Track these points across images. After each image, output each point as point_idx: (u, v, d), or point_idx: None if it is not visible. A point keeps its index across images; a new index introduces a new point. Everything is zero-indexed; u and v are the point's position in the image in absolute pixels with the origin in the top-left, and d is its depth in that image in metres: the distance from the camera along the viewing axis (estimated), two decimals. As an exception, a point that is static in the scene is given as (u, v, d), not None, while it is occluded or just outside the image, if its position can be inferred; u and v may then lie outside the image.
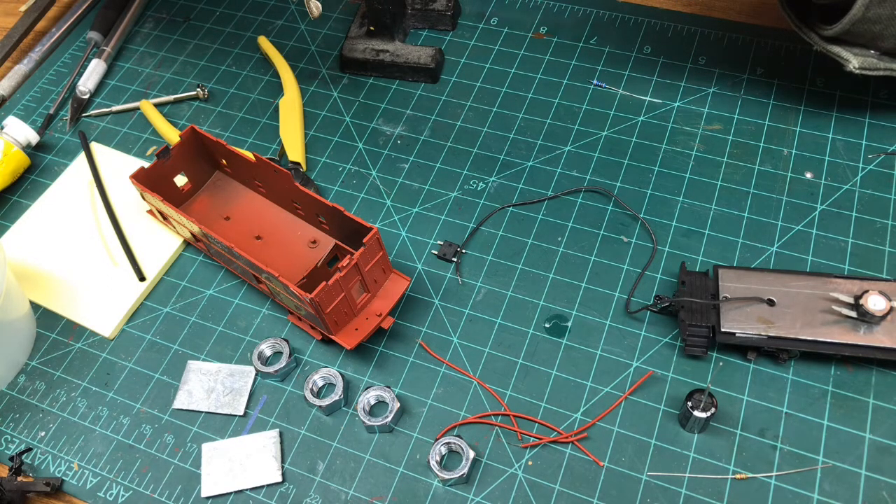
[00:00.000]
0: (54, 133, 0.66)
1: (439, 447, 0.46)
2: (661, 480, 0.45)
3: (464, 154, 0.60)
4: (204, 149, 0.56)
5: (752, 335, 0.46)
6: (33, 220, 0.60)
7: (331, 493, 0.46)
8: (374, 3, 0.63)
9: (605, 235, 0.54)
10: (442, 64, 0.65)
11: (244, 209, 0.57)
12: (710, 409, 0.44)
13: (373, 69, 0.65)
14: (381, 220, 0.57)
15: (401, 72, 0.65)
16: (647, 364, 0.49)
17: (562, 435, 0.47)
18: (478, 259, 0.54)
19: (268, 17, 0.72)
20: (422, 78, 0.64)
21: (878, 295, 0.45)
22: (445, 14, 0.67)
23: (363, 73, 0.66)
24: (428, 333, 0.52)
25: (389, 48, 0.65)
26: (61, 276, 0.56)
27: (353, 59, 0.65)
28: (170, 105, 0.66)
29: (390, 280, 0.50)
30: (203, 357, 0.52)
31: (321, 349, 0.52)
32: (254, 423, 0.49)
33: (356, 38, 0.66)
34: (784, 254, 0.52)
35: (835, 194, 0.54)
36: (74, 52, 0.72)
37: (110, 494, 0.47)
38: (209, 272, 0.56)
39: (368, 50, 0.65)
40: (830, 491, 0.43)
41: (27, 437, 0.50)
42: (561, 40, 0.66)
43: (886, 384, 0.47)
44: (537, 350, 0.50)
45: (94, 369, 0.52)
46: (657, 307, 0.50)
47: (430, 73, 0.64)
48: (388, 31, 0.65)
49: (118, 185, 0.61)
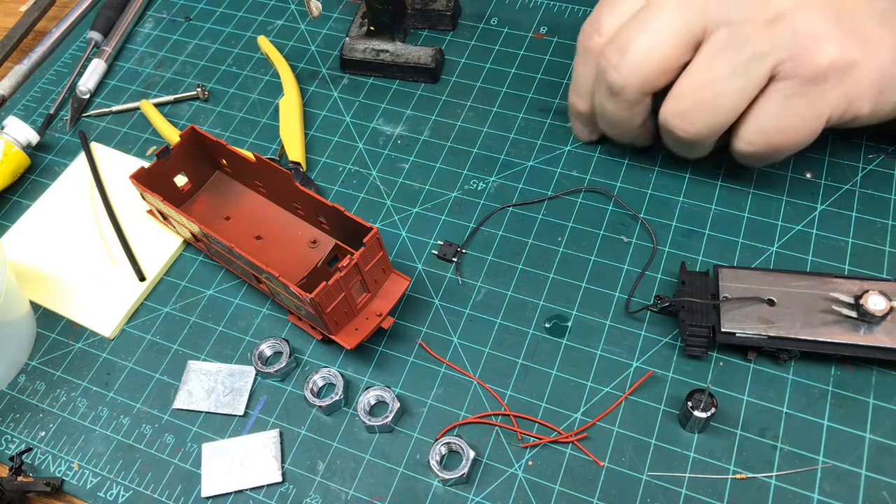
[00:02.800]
0: (54, 133, 0.66)
1: (439, 447, 0.46)
2: (661, 480, 0.45)
3: (464, 154, 0.60)
4: (204, 149, 0.56)
5: (752, 335, 0.46)
6: (33, 220, 0.60)
7: (331, 493, 0.46)
8: (374, 4, 0.63)
9: (605, 235, 0.55)
10: (442, 64, 0.65)
11: (244, 209, 0.57)
12: (710, 409, 0.44)
13: (373, 69, 0.65)
14: (381, 220, 0.57)
15: (401, 72, 0.65)
16: (647, 364, 0.49)
17: (562, 435, 0.47)
18: (478, 259, 0.54)
19: (268, 17, 0.72)
20: (422, 78, 0.64)
21: (878, 295, 0.45)
22: (445, 14, 0.67)
23: (363, 73, 0.66)
24: (428, 333, 0.52)
25: (389, 48, 0.65)
26: (61, 276, 0.56)
27: (353, 60, 0.65)
28: (170, 105, 0.66)
29: (390, 280, 0.50)
30: (203, 357, 0.52)
31: (321, 349, 0.52)
32: (254, 423, 0.49)
33: (356, 38, 0.66)
34: (784, 254, 0.52)
35: (835, 194, 0.54)
36: (74, 52, 0.72)
37: (110, 494, 0.47)
38: (209, 272, 0.56)
39: (368, 50, 0.65)
40: (830, 491, 0.43)
41: (27, 437, 0.50)
42: (561, 40, 0.66)
43: (886, 384, 0.47)
44: (537, 350, 0.50)
45: (94, 369, 0.53)
46: (657, 307, 0.50)
47: (431, 72, 0.64)
48: (388, 31, 0.65)
49: (118, 185, 0.61)
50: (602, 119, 0.53)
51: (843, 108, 0.45)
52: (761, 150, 0.48)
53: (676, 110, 0.47)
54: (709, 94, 0.46)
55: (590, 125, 0.56)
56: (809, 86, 0.44)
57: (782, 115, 0.46)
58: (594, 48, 0.50)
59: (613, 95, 0.49)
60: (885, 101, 0.46)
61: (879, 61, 0.44)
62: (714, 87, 0.45)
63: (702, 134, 0.48)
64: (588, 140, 0.58)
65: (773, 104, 0.45)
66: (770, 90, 0.45)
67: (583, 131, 0.58)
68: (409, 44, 0.66)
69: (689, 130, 0.48)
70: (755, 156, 0.49)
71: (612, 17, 0.49)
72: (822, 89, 0.44)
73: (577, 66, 0.53)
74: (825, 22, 0.43)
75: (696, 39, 0.46)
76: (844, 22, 0.44)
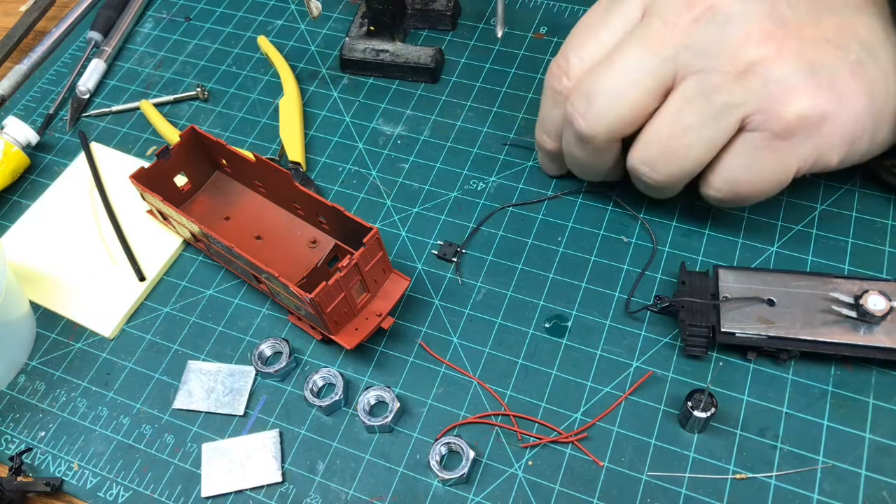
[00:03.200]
0: (54, 133, 0.66)
1: (439, 447, 0.46)
2: (661, 480, 0.45)
3: (464, 154, 0.60)
4: (204, 149, 0.56)
5: (752, 335, 0.46)
6: (33, 220, 0.60)
7: (331, 492, 0.46)
8: (374, 4, 0.63)
9: (605, 235, 0.55)
10: (442, 64, 0.65)
11: (244, 209, 0.57)
12: (710, 409, 0.44)
13: (373, 69, 0.65)
14: (381, 220, 0.57)
15: (401, 72, 0.65)
16: (647, 364, 0.49)
17: (562, 435, 0.47)
18: (478, 259, 0.54)
19: (268, 17, 0.72)
20: (422, 78, 0.64)
21: (878, 295, 0.45)
22: (445, 14, 0.67)
23: (363, 73, 0.66)
24: (428, 333, 0.52)
25: (389, 48, 0.65)
26: (61, 276, 0.56)
27: (354, 60, 0.65)
28: (170, 105, 0.66)
29: (390, 280, 0.50)
30: (203, 357, 0.52)
31: (321, 349, 0.52)
32: (254, 423, 0.49)
33: (356, 38, 0.66)
34: (784, 254, 0.52)
35: (835, 194, 0.54)
36: (74, 52, 0.72)
37: (110, 494, 0.47)
38: (209, 272, 0.56)
39: (368, 50, 0.65)
40: (830, 491, 0.43)
41: (27, 437, 0.50)
42: (561, 40, 0.66)
43: (886, 384, 0.47)
44: (537, 350, 0.50)
45: (94, 369, 0.53)
46: (657, 307, 0.50)
47: (431, 72, 0.64)
48: (388, 30, 0.65)
49: (118, 185, 0.61)
50: (571, 162, 0.52)
51: (813, 161, 0.44)
52: (728, 197, 0.47)
53: (644, 158, 0.46)
54: (676, 144, 0.44)
55: (557, 161, 0.55)
56: (778, 140, 0.43)
57: (750, 167, 0.45)
58: (562, 91, 0.48)
59: (582, 143, 0.48)
60: (855, 151, 0.45)
61: (851, 113, 0.43)
62: (682, 138, 0.44)
63: (669, 181, 0.47)
64: (555, 175, 0.57)
65: (742, 155, 0.44)
66: (739, 140, 0.44)
67: (550, 167, 0.56)
68: (408, 44, 0.66)
69: (656, 178, 0.47)
70: (723, 202, 0.48)
71: (581, 57, 0.47)
72: (792, 143, 0.43)
73: (544, 106, 0.51)
74: (797, 73, 0.42)
75: (665, 87, 0.44)
76: (817, 73, 0.42)
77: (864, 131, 0.44)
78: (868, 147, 0.45)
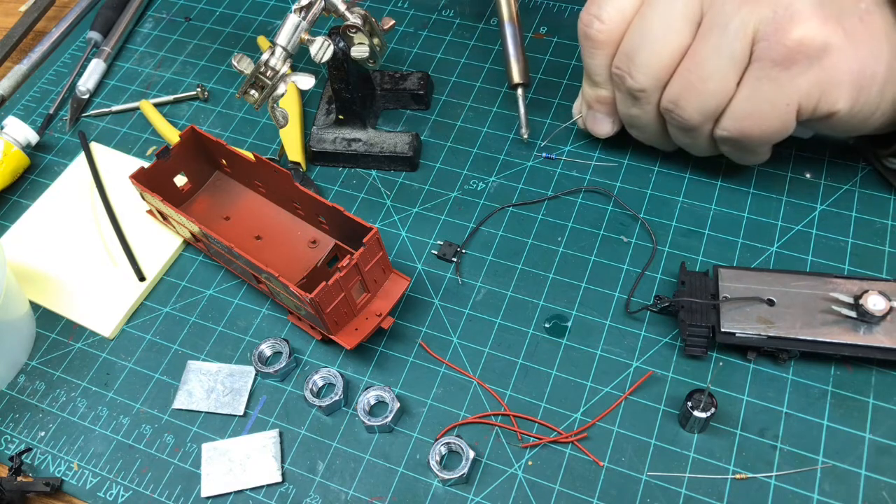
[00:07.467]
0: (54, 133, 0.66)
1: (439, 447, 0.46)
2: (661, 480, 0.45)
3: (464, 154, 0.60)
4: (204, 149, 0.56)
5: (752, 335, 0.46)
6: (33, 220, 0.60)
7: (331, 493, 0.46)
8: (343, 93, 0.57)
9: (605, 235, 0.55)
10: (420, 150, 0.60)
11: (244, 209, 0.57)
12: (710, 409, 0.44)
13: (345, 161, 0.60)
14: (381, 220, 0.57)
15: (376, 162, 0.59)
16: (647, 364, 0.49)
17: (562, 435, 0.47)
18: (478, 259, 0.54)
19: (268, 17, 0.72)
20: (400, 167, 0.59)
21: (878, 295, 0.45)
22: (418, 94, 0.61)
23: (335, 164, 0.60)
24: (428, 333, 0.52)
25: (362, 137, 0.59)
26: (61, 276, 0.56)
27: (324, 152, 0.59)
28: (170, 105, 0.66)
29: (390, 280, 0.50)
30: (203, 357, 0.52)
31: (321, 349, 0.52)
32: (254, 423, 0.49)
33: (323, 127, 0.60)
34: (784, 254, 0.52)
35: (835, 194, 0.54)
36: (74, 52, 0.72)
37: (110, 494, 0.47)
38: (209, 272, 0.56)
39: (339, 140, 0.59)
40: (830, 491, 0.43)
41: (27, 437, 0.50)
42: (561, 40, 0.66)
43: (886, 384, 0.47)
44: (537, 350, 0.50)
45: (94, 369, 0.53)
46: (657, 307, 0.50)
47: (409, 161, 0.58)
48: (359, 118, 0.59)
49: (118, 185, 0.61)
50: (632, 126, 0.53)
51: (816, 98, 0.44)
52: (733, 135, 0.47)
53: (670, 95, 0.48)
54: (694, 78, 0.46)
55: (612, 115, 0.54)
56: (779, 69, 0.43)
57: (752, 99, 0.45)
58: (597, 37, 0.49)
59: (636, 101, 0.50)
60: (866, 102, 0.45)
61: (858, 54, 0.43)
62: (699, 70, 0.45)
63: (694, 119, 0.48)
64: (607, 134, 0.56)
65: (746, 87, 0.45)
66: (746, 74, 0.45)
67: (603, 122, 0.55)
68: (381, 130, 0.60)
69: (684, 116, 0.48)
70: (730, 142, 0.49)
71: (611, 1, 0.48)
72: (791, 73, 0.43)
73: (585, 57, 0.52)
74: (806, 2, 0.43)
75: (696, 24, 0.46)
76: (826, 6, 0.43)
77: (873, 80, 0.44)
78: (877, 102, 0.45)
